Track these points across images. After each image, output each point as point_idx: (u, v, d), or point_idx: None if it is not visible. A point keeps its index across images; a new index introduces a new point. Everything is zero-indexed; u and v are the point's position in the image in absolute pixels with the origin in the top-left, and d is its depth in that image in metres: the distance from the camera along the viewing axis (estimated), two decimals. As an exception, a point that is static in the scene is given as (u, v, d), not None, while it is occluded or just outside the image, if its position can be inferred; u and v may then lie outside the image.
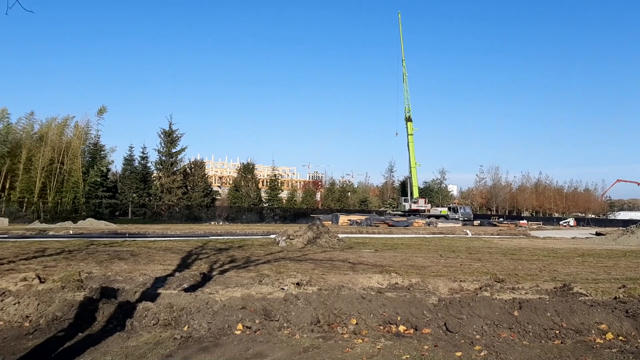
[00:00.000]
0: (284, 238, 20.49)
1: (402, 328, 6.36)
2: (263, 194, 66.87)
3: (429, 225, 48.81)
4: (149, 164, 56.70)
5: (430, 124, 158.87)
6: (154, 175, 57.06)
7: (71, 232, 28.36)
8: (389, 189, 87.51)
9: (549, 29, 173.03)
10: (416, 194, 65.19)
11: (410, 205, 63.17)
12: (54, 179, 44.86)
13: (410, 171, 65.62)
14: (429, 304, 6.80)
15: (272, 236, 23.98)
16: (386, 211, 69.04)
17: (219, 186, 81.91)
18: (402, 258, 16.06)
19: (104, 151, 51.83)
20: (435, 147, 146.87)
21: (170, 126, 55.60)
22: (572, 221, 70.88)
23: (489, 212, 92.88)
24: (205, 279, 9.92)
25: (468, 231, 39.63)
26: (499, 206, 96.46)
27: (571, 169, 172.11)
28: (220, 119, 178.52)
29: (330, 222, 46.76)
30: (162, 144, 55.69)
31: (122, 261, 13.45)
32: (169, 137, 55.63)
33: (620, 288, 8.97)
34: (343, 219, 50.37)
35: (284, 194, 71.98)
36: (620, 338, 5.90)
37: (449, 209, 62.95)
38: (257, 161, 73.38)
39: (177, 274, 10.38)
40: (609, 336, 5.92)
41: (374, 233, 34.96)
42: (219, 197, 66.44)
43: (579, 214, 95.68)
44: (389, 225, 45.89)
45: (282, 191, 72.20)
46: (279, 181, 73.01)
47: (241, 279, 10.12)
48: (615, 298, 7.22)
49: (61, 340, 5.76)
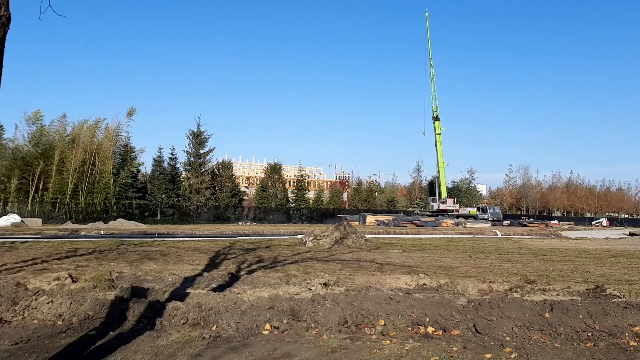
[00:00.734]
0: (311, 238, 20.50)
1: (430, 329, 6.30)
2: (290, 194, 67.08)
3: (457, 225, 48.30)
4: (177, 165, 57.46)
5: (459, 123, 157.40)
6: (183, 176, 57.75)
7: (102, 232, 28.90)
8: (416, 189, 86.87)
9: (580, 26, 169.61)
10: (444, 193, 64.64)
11: (439, 205, 62.65)
12: (85, 180, 45.77)
13: (438, 171, 65.12)
14: (458, 305, 6.72)
15: (299, 236, 24.02)
16: (414, 211, 68.53)
17: (246, 186, 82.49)
18: (430, 259, 15.91)
19: (133, 152, 52.75)
20: (463, 147, 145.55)
21: (198, 127, 56.29)
22: (604, 221, 69.30)
23: (518, 212, 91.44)
24: (233, 279, 9.98)
25: (497, 231, 39.07)
26: (529, 206, 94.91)
27: (603, 167, 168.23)
28: (248, 120, 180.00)
29: (358, 223, 46.64)
30: (191, 145, 56.39)
31: (151, 261, 13.63)
32: (197, 138, 56.26)
33: (656, 290, 8.73)
34: (370, 219, 50.18)
35: (310, 194, 72.10)
36: (656, 341, 5.74)
37: (478, 209, 62.12)
38: (284, 161, 73.73)
39: (205, 273, 10.48)
40: (644, 339, 5.77)
41: (401, 233, 34.74)
42: (246, 198, 66.89)
43: (612, 214, 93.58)
44: (417, 226, 45.54)
45: (309, 191, 72.34)
46: (306, 181, 73.17)
47: (268, 279, 10.16)
48: (652, 300, 7.03)
49: (93, 339, 5.86)
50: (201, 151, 56.57)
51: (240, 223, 47.35)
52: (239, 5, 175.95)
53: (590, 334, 5.92)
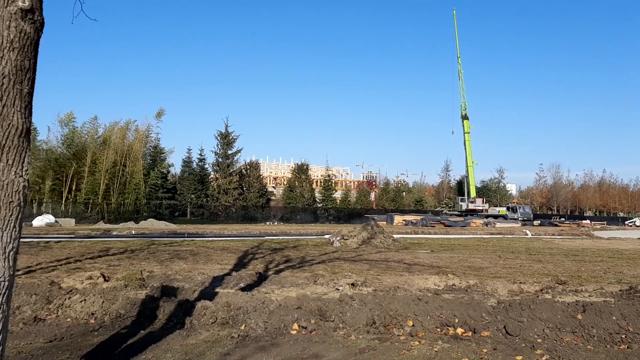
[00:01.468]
0: (338, 238, 20.49)
1: (460, 330, 6.24)
2: (317, 194, 67.20)
3: (486, 225, 47.71)
4: (206, 166, 58.22)
5: (488, 122, 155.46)
6: (211, 176, 58.42)
7: (133, 232, 29.41)
8: (445, 189, 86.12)
9: (615, 23, 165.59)
10: (473, 193, 63.89)
11: (467, 205, 61.97)
12: (117, 181, 46.67)
13: (467, 170, 64.39)
14: (488, 306, 6.64)
15: (326, 236, 24.03)
16: (442, 211, 67.95)
17: (273, 187, 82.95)
18: (459, 259, 15.75)
19: (163, 154, 53.63)
20: (493, 146, 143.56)
21: (226, 128, 56.93)
22: (638, 221, 67.58)
23: (549, 212, 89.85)
24: (261, 278, 10.05)
25: (528, 231, 38.46)
26: (560, 206, 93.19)
27: (637, 166, 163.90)
28: (275, 120, 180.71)
29: (385, 223, 46.48)
30: (219, 146, 57.07)
31: (181, 260, 13.81)
32: (225, 139, 56.87)
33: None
34: (398, 219, 49.93)
35: (337, 194, 72.08)
36: (695, 345, 5.57)
37: (508, 208, 61.24)
38: (310, 162, 73.91)
39: (234, 273, 10.57)
40: (683, 343, 5.61)
41: (429, 233, 34.48)
42: (273, 198, 67.27)
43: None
44: (446, 226, 45.15)
45: (336, 191, 72.33)
46: (333, 181, 73.22)
47: (296, 279, 10.19)
48: (690, 303, 6.82)
49: (124, 337, 5.96)
50: (229, 152, 57.18)
51: (267, 223, 47.63)
52: (264, 7, 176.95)
53: (623, 336, 5.78)
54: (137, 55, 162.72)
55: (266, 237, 25.84)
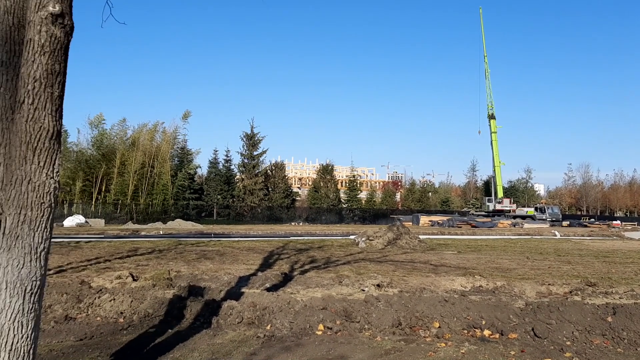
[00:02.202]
0: (363, 239, 20.45)
1: (487, 332, 6.17)
2: (342, 195, 67.13)
3: (514, 226, 47.02)
4: (232, 167, 58.71)
5: (516, 121, 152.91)
6: (237, 177, 58.87)
7: (161, 232, 29.81)
8: (471, 189, 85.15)
9: (638, 21, 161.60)
10: (500, 193, 63.04)
11: (495, 206, 61.16)
12: (145, 182, 47.36)
13: (494, 170, 63.53)
14: (516, 308, 6.55)
15: (352, 237, 24.00)
16: (469, 211, 67.19)
17: (298, 187, 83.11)
18: (486, 260, 15.56)
19: (190, 155, 54.28)
20: (520, 145, 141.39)
21: (251, 129, 57.30)
22: (670, 221, 65.75)
23: (578, 213, 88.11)
24: (287, 278, 10.08)
25: (556, 232, 37.79)
26: (590, 206, 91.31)
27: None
28: (300, 121, 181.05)
29: (411, 223, 46.17)
30: (244, 147, 57.48)
31: (208, 260, 13.94)
32: (251, 140, 57.26)
33: None
34: (424, 219, 49.55)
35: (363, 195, 71.89)
36: None
37: (536, 209, 60.22)
38: (335, 162, 74.05)
39: (259, 273, 10.62)
40: None
41: (456, 234, 34.14)
42: (298, 198, 67.43)
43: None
44: (472, 226, 44.65)
45: (361, 192, 72.15)
46: (358, 182, 73.04)
47: (321, 280, 10.20)
48: None
49: (152, 336, 6.04)
50: (254, 153, 57.57)
51: (293, 223, 47.78)
52: (288, 7, 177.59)
53: (657, 340, 5.65)
54: (164, 56, 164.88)
55: (291, 238, 25.91)
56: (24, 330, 3.26)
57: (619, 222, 58.98)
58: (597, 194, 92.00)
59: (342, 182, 75.52)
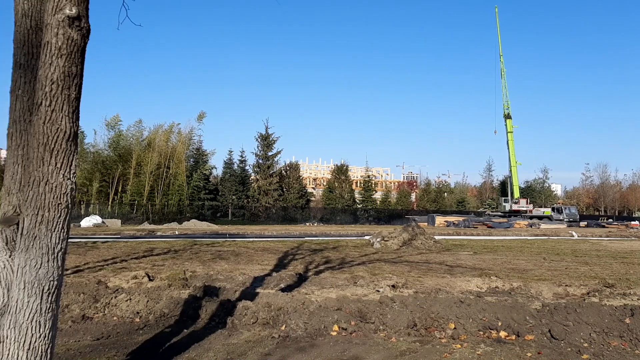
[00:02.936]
0: (378, 239, 20.39)
1: (503, 334, 6.12)
2: (357, 195, 67.05)
3: (531, 226, 46.59)
4: (247, 167, 58.96)
5: (532, 121, 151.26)
6: (252, 177, 59.09)
7: (177, 232, 30.00)
8: (487, 189, 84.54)
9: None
10: (517, 194, 62.52)
11: (511, 206, 60.65)
12: (161, 183, 47.75)
13: (510, 170, 63.02)
14: (532, 309, 6.49)
15: (367, 237, 23.94)
16: (485, 212, 66.71)
17: (313, 188, 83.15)
18: (502, 261, 15.44)
19: (205, 156, 54.64)
20: (537, 145, 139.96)
21: (266, 130, 57.45)
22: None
23: (596, 213, 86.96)
24: (301, 279, 10.09)
25: (574, 233, 37.36)
26: (608, 206, 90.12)
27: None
28: (315, 122, 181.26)
29: (426, 224, 45.94)
30: (259, 148, 57.67)
31: (223, 261, 13.99)
32: (265, 141, 57.42)
33: None
34: (439, 220, 49.31)
35: (377, 195, 71.74)
36: None
37: (553, 209, 59.64)
38: (350, 162, 73.82)
39: (274, 273, 10.64)
40: None
41: (472, 235, 33.91)
42: (313, 199, 67.48)
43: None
44: (488, 227, 44.30)
45: (376, 192, 72.01)
46: (373, 182, 72.92)
47: (336, 280, 10.19)
48: None
49: (168, 336, 6.08)
50: (269, 153, 57.71)
51: (307, 224, 47.81)
52: (305, 6, 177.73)
53: (677, 343, 5.56)
54: (179, 57, 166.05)
55: (306, 238, 25.93)
56: (41, 330, 3.30)
57: (637, 222, 58.11)
58: (615, 194, 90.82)
59: (356, 183, 75.43)
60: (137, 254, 15.54)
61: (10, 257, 3.45)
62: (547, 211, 59.43)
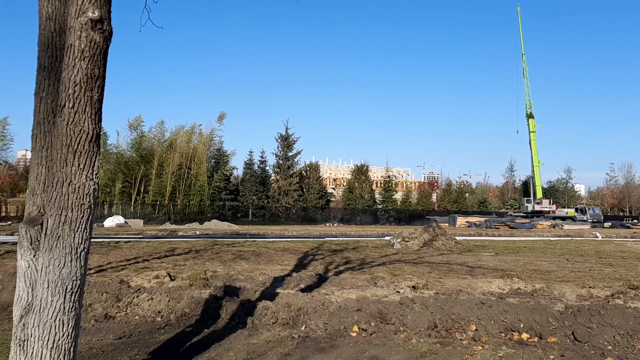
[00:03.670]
0: (398, 240, 20.29)
1: (525, 336, 6.04)
2: (377, 196, 66.83)
3: (554, 227, 45.94)
4: (267, 168, 59.17)
5: (554, 120, 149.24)
6: (272, 178, 59.30)
7: (198, 232, 30.24)
8: (509, 190, 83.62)
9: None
10: (539, 194, 61.74)
11: (533, 206, 59.94)
12: (182, 183, 48.18)
13: (533, 170, 62.28)
14: (555, 311, 6.39)
15: (387, 238, 23.85)
16: (507, 212, 66.01)
17: (333, 188, 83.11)
18: (524, 262, 15.24)
19: (226, 156, 55.00)
20: (560, 145, 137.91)
21: (286, 130, 57.60)
22: None
23: (621, 214, 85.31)
24: (321, 279, 10.08)
25: (598, 233, 36.73)
26: (633, 207, 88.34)
27: None
28: (335, 122, 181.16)
29: (447, 224, 45.58)
30: (279, 148, 57.85)
31: (243, 261, 14.06)
32: (286, 141, 57.58)
33: None
34: (461, 220, 48.90)
35: (398, 195, 71.40)
36: None
37: (576, 209, 58.71)
38: (370, 163, 73.78)
39: (294, 274, 10.66)
40: None
41: (494, 235, 33.57)
42: (333, 199, 67.42)
43: None
44: (510, 227, 43.79)
45: (396, 192, 71.67)
46: (393, 182, 72.60)
47: (356, 281, 10.16)
48: None
49: (189, 335, 6.13)
50: (289, 154, 57.85)
51: (327, 224, 47.79)
52: (324, 8, 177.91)
53: None
54: (201, 59, 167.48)
55: (326, 239, 25.92)
56: (65, 328, 3.35)
57: (663, 223, 56.93)
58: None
59: (377, 183, 75.23)
60: (159, 253, 15.69)
61: (34, 256, 3.51)
62: (571, 212, 58.54)
